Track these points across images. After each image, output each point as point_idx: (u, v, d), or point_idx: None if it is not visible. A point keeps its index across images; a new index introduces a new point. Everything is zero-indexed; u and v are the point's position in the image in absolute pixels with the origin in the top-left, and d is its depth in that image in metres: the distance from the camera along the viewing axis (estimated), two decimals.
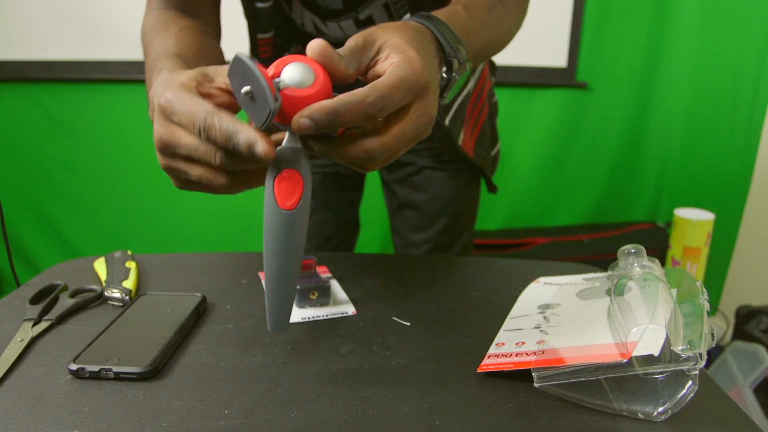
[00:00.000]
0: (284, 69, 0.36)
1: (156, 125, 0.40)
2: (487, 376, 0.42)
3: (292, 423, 0.36)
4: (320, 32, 0.76)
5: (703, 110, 2.06)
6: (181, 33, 0.57)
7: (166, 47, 0.54)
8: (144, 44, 0.60)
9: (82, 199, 2.08)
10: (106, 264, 0.61)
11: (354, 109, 0.36)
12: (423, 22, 0.48)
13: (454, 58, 0.48)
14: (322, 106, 0.35)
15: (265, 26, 0.71)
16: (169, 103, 0.39)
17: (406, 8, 0.67)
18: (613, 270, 0.48)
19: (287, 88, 0.35)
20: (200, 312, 0.52)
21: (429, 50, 0.45)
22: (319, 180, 0.88)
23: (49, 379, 0.41)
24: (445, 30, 0.49)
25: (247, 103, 0.35)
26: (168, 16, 0.61)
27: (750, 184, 2.06)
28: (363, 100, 0.36)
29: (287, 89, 0.35)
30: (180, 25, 0.59)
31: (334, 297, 0.56)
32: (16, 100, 1.96)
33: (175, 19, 0.61)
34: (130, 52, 1.91)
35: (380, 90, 0.37)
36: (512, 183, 2.11)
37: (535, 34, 1.98)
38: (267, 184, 0.36)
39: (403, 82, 0.38)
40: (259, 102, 0.34)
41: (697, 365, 0.35)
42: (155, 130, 0.40)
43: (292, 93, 0.35)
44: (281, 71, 0.36)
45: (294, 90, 0.35)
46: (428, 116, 0.41)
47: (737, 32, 1.96)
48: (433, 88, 0.42)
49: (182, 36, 0.57)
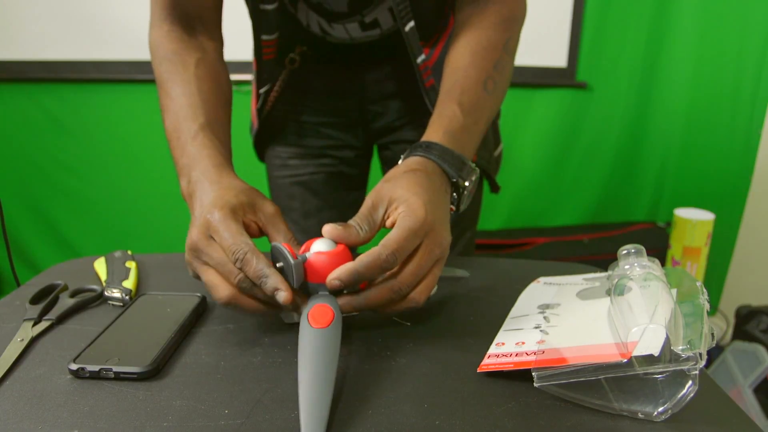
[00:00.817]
0: (312, 244, 0.47)
1: (194, 230, 0.47)
2: (487, 376, 0.42)
3: (292, 423, 0.36)
4: (326, 33, 0.76)
5: (703, 110, 2.06)
6: (198, 72, 0.63)
7: (189, 104, 0.60)
8: (158, 75, 0.64)
9: (82, 199, 2.08)
10: (106, 264, 0.61)
11: (372, 266, 0.44)
12: (425, 155, 0.55)
13: (459, 179, 0.55)
14: (346, 269, 0.44)
15: (270, 28, 0.71)
16: (215, 224, 0.46)
17: (409, 15, 0.68)
18: (613, 270, 0.48)
19: (314, 253, 0.46)
20: (200, 312, 0.52)
21: (433, 187, 0.52)
22: (322, 179, 0.88)
23: (49, 379, 0.41)
24: (447, 155, 0.55)
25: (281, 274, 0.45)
26: (178, 43, 0.64)
27: (750, 184, 2.06)
28: (378, 257, 0.44)
29: (314, 254, 0.46)
30: (194, 56, 0.64)
31: None
32: (16, 100, 1.96)
33: (186, 46, 0.65)
34: (130, 52, 1.91)
35: (391, 245, 0.45)
36: (512, 183, 2.11)
37: (535, 34, 1.98)
38: (303, 314, 0.43)
39: (410, 232, 0.46)
40: (287, 268, 0.45)
41: (697, 365, 0.35)
42: (192, 234, 0.47)
43: (318, 252, 0.46)
44: (310, 246, 0.47)
45: (318, 254, 0.46)
46: (440, 248, 0.48)
47: (737, 32, 1.96)
48: (439, 224, 0.49)
49: (201, 79, 0.62)
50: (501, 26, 0.66)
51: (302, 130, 0.86)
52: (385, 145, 0.90)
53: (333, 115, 0.86)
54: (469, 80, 0.62)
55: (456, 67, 0.64)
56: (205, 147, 0.55)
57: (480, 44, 0.65)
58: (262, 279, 0.44)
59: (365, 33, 0.75)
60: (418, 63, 0.71)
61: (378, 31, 0.75)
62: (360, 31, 0.74)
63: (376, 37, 0.76)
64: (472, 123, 0.60)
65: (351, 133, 0.88)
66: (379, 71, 0.82)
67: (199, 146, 0.55)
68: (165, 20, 0.65)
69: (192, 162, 0.55)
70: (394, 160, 0.89)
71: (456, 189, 0.56)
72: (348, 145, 0.88)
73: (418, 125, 0.85)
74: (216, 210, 0.47)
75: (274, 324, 0.51)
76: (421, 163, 0.54)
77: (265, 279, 0.43)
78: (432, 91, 0.74)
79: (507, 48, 0.66)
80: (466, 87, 0.62)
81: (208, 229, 0.47)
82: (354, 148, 0.89)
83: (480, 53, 0.64)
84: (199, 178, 0.53)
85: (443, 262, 0.49)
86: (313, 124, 0.86)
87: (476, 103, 0.61)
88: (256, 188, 0.54)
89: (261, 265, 0.44)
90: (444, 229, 0.49)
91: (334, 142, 0.87)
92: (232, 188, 0.51)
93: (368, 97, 0.84)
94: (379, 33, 0.75)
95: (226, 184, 0.52)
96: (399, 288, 0.46)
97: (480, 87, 0.62)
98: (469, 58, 0.64)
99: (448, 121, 0.59)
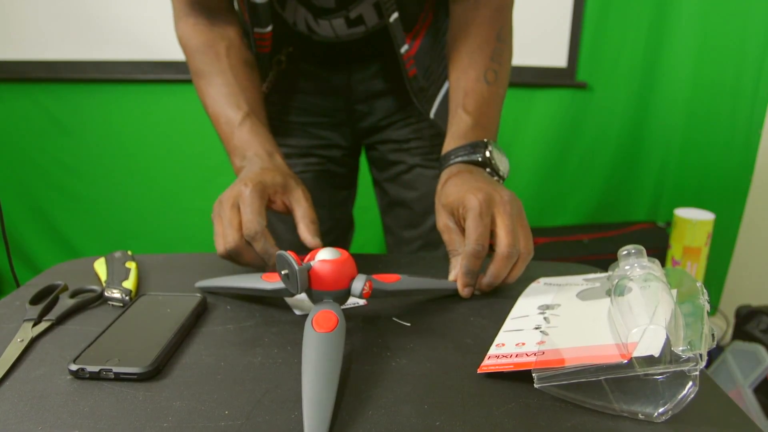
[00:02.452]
0: (318, 253, 0.49)
1: (228, 192, 0.58)
2: (487, 376, 0.42)
3: (292, 423, 0.36)
4: (312, 32, 0.76)
5: (703, 110, 2.06)
6: (231, 63, 0.72)
7: (234, 97, 0.70)
8: (194, 67, 0.73)
9: (82, 199, 2.08)
10: (106, 264, 0.61)
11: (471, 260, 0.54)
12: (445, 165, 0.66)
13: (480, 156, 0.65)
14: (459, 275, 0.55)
15: (262, 21, 0.72)
16: (244, 196, 0.56)
17: (394, 7, 0.69)
18: (613, 270, 0.48)
19: (319, 261, 0.47)
20: (200, 312, 0.52)
21: (467, 176, 0.61)
22: (311, 178, 0.88)
23: (49, 379, 0.41)
24: (461, 152, 0.65)
25: (285, 281, 0.47)
26: (206, 34, 0.73)
27: (750, 184, 2.06)
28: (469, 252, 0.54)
29: (318, 262, 0.47)
30: (224, 46, 0.73)
31: None
32: (16, 100, 1.95)
33: (213, 36, 0.73)
34: (130, 52, 1.91)
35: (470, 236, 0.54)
36: (512, 183, 2.10)
37: (535, 34, 1.98)
38: (308, 320, 0.44)
39: (476, 217, 0.53)
40: (291, 276, 0.46)
41: (698, 366, 0.35)
42: (226, 193, 0.58)
43: (321, 266, 0.47)
44: (315, 255, 0.48)
45: (322, 262, 0.47)
46: (510, 203, 0.55)
47: (737, 33, 1.96)
48: (492, 190, 0.55)
49: (236, 69, 0.72)
50: (492, 18, 0.71)
51: (289, 129, 0.87)
52: (372, 145, 0.91)
53: (320, 115, 0.87)
54: (469, 81, 0.69)
55: (457, 76, 0.71)
56: (255, 134, 0.67)
57: (474, 42, 0.71)
58: (266, 257, 0.54)
59: (350, 30, 0.76)
60: (401, 53, 0.73)
61: (363, 27, 0.76)
62: (345, 28, 0.75)
63: (360, 34, 0.77)
64: (480, 116, 0.68)
65: (338, 133, 0.88)
66: (365, 71, 0.83)
67: (248, 132, 0.67)
68: (189, 14, 0.73)
69: (245, 145, 0.66)
70: (381, 160, 0.91)
71: (484, 164, 0.65)
72: (335, 144, 0.89)
73: (404, 125, 0.86)
74: (250, 184, 0.56)
75: (275, 324, 0.51)
76: (446, 173, 0.64)
77: (269, 257, 0.54)
78: (414, 80, 0.77)
79: (500, 37, 0.72)
80: (468, 89, 0.69)
81: (237, 198, 0.56)
82: (341, 148, 0.90)
83: (475, 51, 0.71)
84: (252, 159, 0.65)
85: (519, 210, 0.56)
86: (301, 124, 0.87)
87: (479, 98, 0.69)
88: (294, 174, 0.64)
89: (267, 246, 0.54)
90: (498, 191, 0.56)
91: (321, 141, 0.88)
92: (273, 170, 0.62)
93: (355, 97, 0.85)
94: (363, 30, 0.76)
95: (271, 166, 0.63)
96: (507, 251, 0.52)
97: (480, 83, 0.69)
98: (467, 60, 0.71)
99: (456, 128, 0.68)
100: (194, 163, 2.03)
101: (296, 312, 0.53)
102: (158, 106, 1.99)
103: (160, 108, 1.99)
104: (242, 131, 0.67)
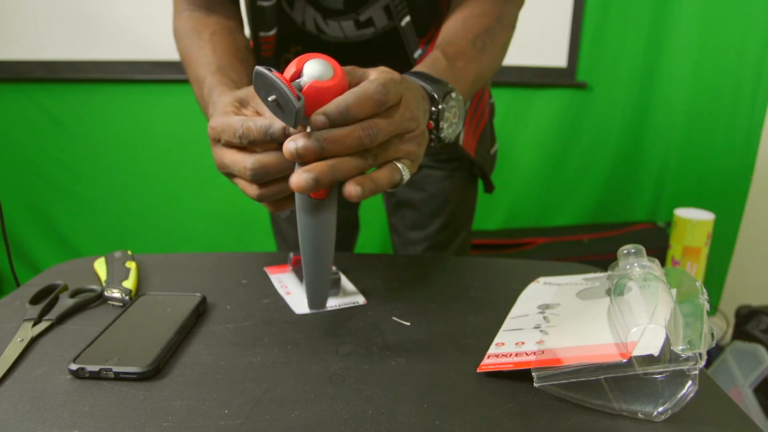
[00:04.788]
0: (305, 66, 0.38)
1: (208, 127, 0.48)
2: (487, 376, 0.42)
3: (292, 423, 0.36)
4: (321, 32, 0.76)
5: (703, 110, 2.06)
6: (213, 38, 0.66)
7: (205, 60, 0.63)
8: (180, 51, 0.69)
9: (82, 199, 2.08)
10: (106, 264, 0.61)
11: (362, 98, 0.39)
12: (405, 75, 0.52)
13: (434, 93, 0.52)
14: (335, 102, 0.38)
15: (267, 25, 0.71)
16: (214, 130, 0.46)
17: (405, 10, 0.68)
18: (613, 270, 0.48)
19: (312, 81, 0.38)
20: (200, 312, 0.52)
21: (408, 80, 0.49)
22: None
23: (49, 379, 0.41)
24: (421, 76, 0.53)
25: (276, 109, 0.38)
26: (197, 21, 0.69)
27: (750, 184, 2.06)
28: (368, 89, 0.40)
29: (312, 83, 0.38)
30: (210, 29, 0.68)
31: (343, 289, 0.58)
32: (16, 100, 1.96)
33: (204, 22, 0.69)
34: (130, 52, 1.91)
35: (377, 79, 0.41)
36: (512, 183, 2.11)
37: (535, 34, 1.98)
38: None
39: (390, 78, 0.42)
40: (285, 106, 0.36)
41: (697, 365, 0.35)
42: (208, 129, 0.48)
43: (317, 85, 0.38)
44: (302, 68, 0.38)
45: (317, 82, 0.38)
46: (415, 122, 0.45)
47: (737, 33, 1.96)
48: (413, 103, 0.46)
49: (215, 42, 0.65)
50: (496, 2, 0.67)
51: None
52: None
53: None
54: (457, 38, 0.62)
55: (445, 31, 0.64)
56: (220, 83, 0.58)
57: (473, 13, 0.66)
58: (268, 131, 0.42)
59: (359, 32, 0.75)
60: (415, 58, 0.72)
61: (372, 29, 0.75)
62: (354, 29, 0.75)
63: (369, 36, 0.76)
64: (458, 67, 0.58)
65: None
66: None
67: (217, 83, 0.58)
68: (186, 9, 0.71)
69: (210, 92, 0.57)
70: None
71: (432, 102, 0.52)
72: None
73: None
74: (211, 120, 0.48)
75: (274, 324, 0.51)
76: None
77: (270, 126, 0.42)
78: None
79: (500, 20, 0.67)
80: (451, 39, 0.62)
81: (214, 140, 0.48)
82: None
83: (471, 19, 0.65)
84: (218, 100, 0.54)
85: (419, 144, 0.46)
86: None
87: (462, 52, 0.60)
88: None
89: (258, 121, 0.43)
90: (419, 111, 0.46)
91: None
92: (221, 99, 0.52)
93: None
94: (372, 32, 0.76)
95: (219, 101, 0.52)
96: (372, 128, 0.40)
97: (468, 43, 0.62)
98: (461, 23, 0.65)
99: (430, 62, 0.57)
100: (194, 163, 2.03)
101: (296, 312, 0.53)
102: (158, 106, 1.99)
103: (160, 108, 1.99)
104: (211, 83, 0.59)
